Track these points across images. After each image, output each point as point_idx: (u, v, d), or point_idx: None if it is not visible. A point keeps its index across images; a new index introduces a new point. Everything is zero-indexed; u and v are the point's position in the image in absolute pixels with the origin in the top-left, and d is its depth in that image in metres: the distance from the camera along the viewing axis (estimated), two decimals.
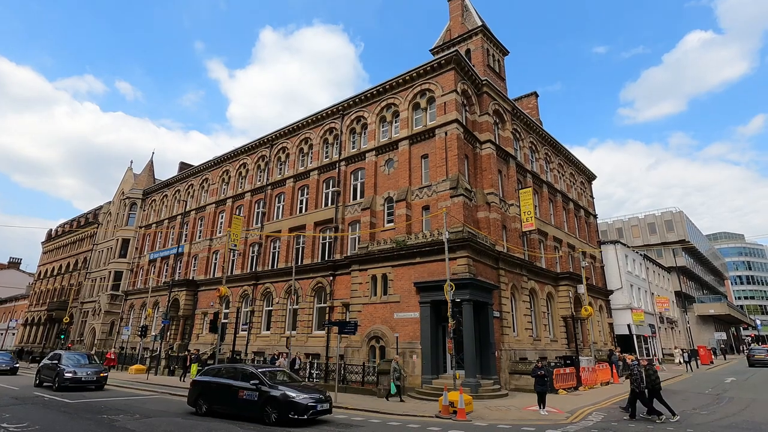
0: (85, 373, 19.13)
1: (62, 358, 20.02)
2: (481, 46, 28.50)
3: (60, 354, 20.53)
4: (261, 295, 29.35)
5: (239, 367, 13.89)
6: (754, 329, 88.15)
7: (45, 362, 20.90)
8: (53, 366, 19.64)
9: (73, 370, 19.03)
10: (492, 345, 19.92)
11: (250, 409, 12.28)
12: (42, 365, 20.91)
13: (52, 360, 20.44)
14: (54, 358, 20.51)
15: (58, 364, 19.52)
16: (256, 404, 12.11)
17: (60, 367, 19.15)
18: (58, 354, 20.61)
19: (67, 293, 51.56)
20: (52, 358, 20.66)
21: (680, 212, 61.38)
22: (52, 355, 21.16)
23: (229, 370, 13.74)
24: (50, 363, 20.20)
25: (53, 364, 19.84)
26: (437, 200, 22.17)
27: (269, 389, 12.10)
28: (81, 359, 20.61)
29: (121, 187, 49.80)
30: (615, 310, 37.41)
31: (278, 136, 32.88)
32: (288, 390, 12.06)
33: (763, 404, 16.06)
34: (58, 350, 24.88)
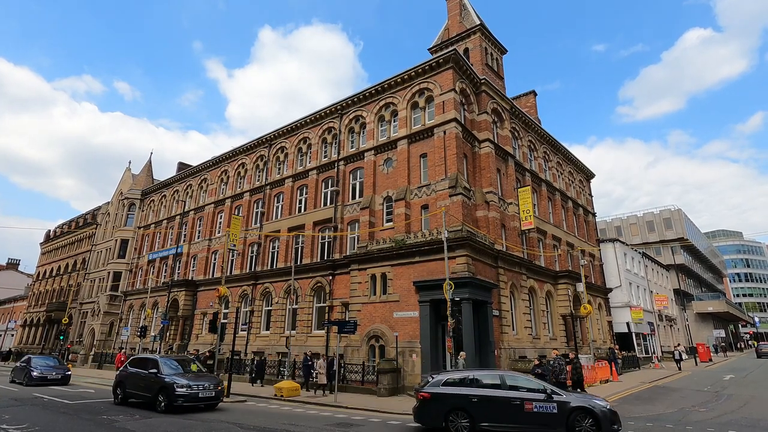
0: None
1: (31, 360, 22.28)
2: (479, 44, 28.50)
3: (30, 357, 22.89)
4: (260, 294, 29.34)
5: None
6: (752, 327, 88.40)
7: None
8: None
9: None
10: (491, 344, 19.94)
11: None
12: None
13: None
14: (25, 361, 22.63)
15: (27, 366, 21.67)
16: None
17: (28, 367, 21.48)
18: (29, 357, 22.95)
19: (66, 294, 51.50)
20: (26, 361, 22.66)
21: (679, 210, 61.50)
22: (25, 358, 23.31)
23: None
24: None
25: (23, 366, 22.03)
26: (436, 199, 22.17)
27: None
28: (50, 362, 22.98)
29: (120, 187, 49.72)
30: (614, 308, 37.48)
31: (277, 135, 32.85)
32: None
33: (762, 401, 16.11)
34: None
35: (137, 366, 15.29)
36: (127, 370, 15.51)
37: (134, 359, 16.13)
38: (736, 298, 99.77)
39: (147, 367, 14.71)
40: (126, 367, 15.78)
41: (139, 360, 15.86)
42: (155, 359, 14.97)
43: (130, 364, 15.69)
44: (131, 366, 15.56)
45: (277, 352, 25.95)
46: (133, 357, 16.83)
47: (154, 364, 14.58)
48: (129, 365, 15.73)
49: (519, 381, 10.94)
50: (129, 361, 16.03)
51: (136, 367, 15.29)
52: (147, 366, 14.80)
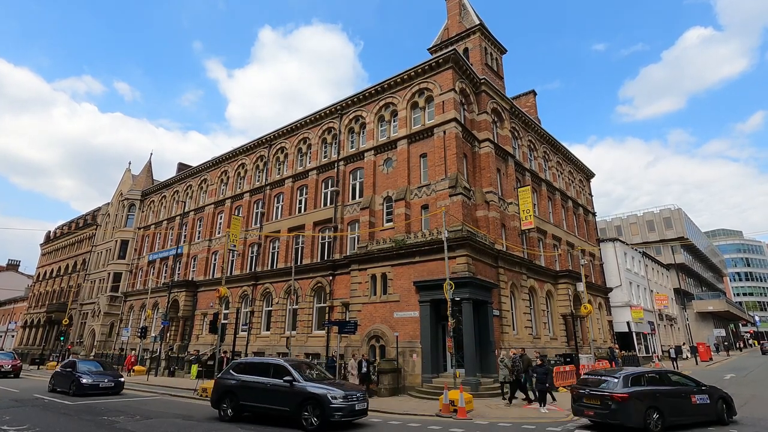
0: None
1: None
2: (479, 44, 28.50)
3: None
4: (260, 295, 29.35)
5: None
6: (753, 326, 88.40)
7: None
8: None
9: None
10: (492, 343, 19.95)
11: None
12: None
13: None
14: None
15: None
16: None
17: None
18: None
19: (66, 295, 51.49)
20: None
21: (679, 209, 61.52)
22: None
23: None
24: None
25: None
26: (436, 199, 22.18)
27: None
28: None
29: (120, 188, 49.73)
30: (614, 308, 37.48)
31: (277, 136, 32.86)
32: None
33: (763, 400, 16.11)
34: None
35: (253, 372, 12.51)
36: (233, 376, 12.68)
37: (245, 364, 13.20)
38: (737, 297, 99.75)
39: (271, 373, 12.14)
40: (229, 374, 12.93)
41: (253, 365, 13.00)
42: (282, 365, 12.22)
43: (239, 370, 12.84)
44: (239, 372, 12.76)
45: (278, 353, 25.94)
46: (241, 362, 13.70)
47: (285, 371, 11.92)
48: (235, 371, 12.89)
49: (675, 377, 12.66)
50: (234, 366, 13.22)
51: (251, 373, 12.50)
52: (270, 372, 12.18)
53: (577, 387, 12.23)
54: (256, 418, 12.36)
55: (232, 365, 13.37)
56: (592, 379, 12.27)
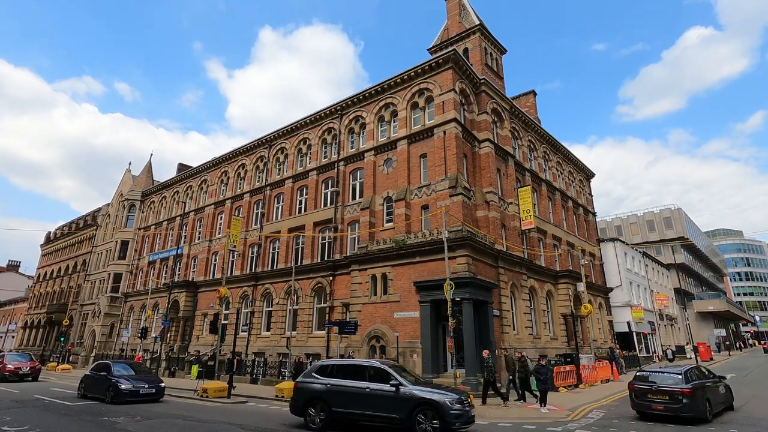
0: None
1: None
2: (478, 44, 28.52)
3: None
4: (261, 295, 29.35)
5: None
6: (753, 326, 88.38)
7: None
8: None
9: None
10: (492, 344, 19.91)
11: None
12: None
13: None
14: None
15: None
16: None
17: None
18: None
19: (66, 295, 51.51)
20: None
21: (679, 209, 61.54)
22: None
23: None
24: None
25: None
26: (436, 199, 22.18)
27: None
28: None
29: (120, 188, 49.76)
30: (614, 308, 37.48)
31: (277, 136, 32.87)
32: None
33: (763, 400, 16.11)
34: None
35: (345, 375, 11.28)
36: (319, 380, 11.40)
37: (334, 367, 11.80)
38: (737, 297, 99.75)
39: (367, 376, 11.02)
40: (312, 377, 11.63)
41: (345, 368, 11.63)
42: (382, 367, 11.08)
43: (326, 373, 11.59)
44: (327, 375, 11.50)
45: (278, 353, 25.95)
46: (327, 364, 12.23)
47: (385, 374, 10.79)
48: (320, 374, 11.63)
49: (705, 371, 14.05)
50: (318, 369, 11.90)
51: (342, 377, 11.27)
52: (365, 375, 11.06)
53: (639, 384, 12.95)
54: (350, 427, 11.04)
55: (316, 368, 11.96)
56: (648, 377, 13.14)
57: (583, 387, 20.70)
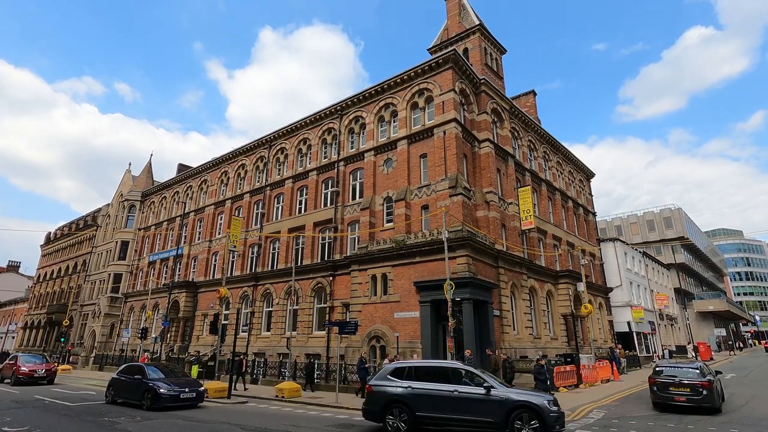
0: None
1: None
2: (478, 44, 28.53)
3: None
4: (261, 295, 29.36)
5: None
6: (753, 325, 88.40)
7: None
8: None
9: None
10: (492, 344, 19.94)
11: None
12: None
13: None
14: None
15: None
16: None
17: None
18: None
19: (66, 296, 51.52)
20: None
21: (679, 209, 61.55)
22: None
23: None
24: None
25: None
26: (436, 199, 22.19)
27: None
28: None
29: (120, 189, 49.77)
30: (615, 308, 37.49)
31: (277, 136, 32.88)
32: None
33: (764, 400, 16.09)
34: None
35: (426, 378, 10.65)
36: (397, 383, 10.69)
37: (413, 368, 11.09)
38: (737, 296, 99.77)
39: (450, 378, 10.54)
40: (388, 379, 10.91)
41: (425, 369, 10.99)
42: (467, 369, 10.71)
43: (404, 376, 10.87)
44: (405, 377, 10.80)
45: (278, 353, 25.95)
46: (404, 365, 11.47)
47: (472, 376, 10.40)
48: (396, 376, 10.93)
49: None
50: (394, 371, 11.20)
51: (423, 379, 10.63)
52: (449, 377, 10.54)
53: (660, 378, 14.24)
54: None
55: (389, 370, 11.15)
56: (666, 371, 14.43)
57: (584, 387, 20.68)
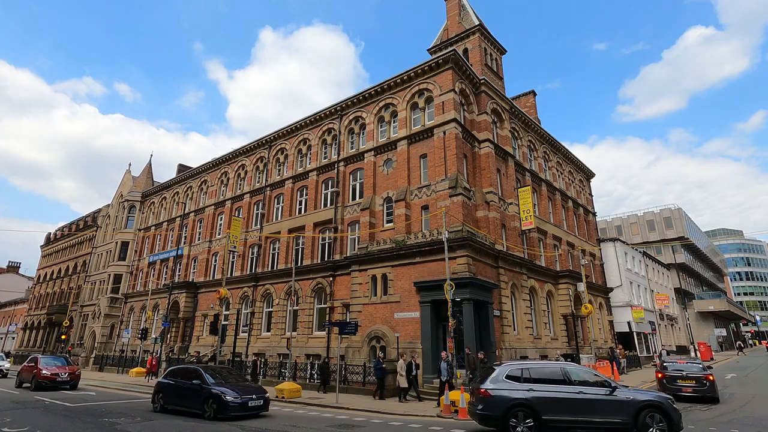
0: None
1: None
2: (478, 45, 28.52)
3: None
4: (261, 296, 29.34)
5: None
6: (753, 325, 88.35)
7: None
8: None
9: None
10: (492, 344, 19.93)
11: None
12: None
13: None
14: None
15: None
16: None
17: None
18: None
19: (66, 297, 51.51)
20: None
21: (679, 209, 61.53)
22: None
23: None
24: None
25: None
26: (436, 200, 22.18)
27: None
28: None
29: (120, 189, 49.75)
30: (615, 308, 37.46)
31: (276, 137, 32.87)
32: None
33: (764, 400, 16.09)
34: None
35: (546, 380, 10.31)
36: (516, 386, 10.22)
37: (532, 370, 10.63)
38: (737, 296, 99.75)
39: (564, 379, 10.35)
40: (505, 382, 10.36)
41: (543, 370, 10.70)
42: (589, 370, 10.65)
43: (523, 379, 10.37)
44: (523, 380, 10.31)
45: (278, 354, 25.94)
46: (520, 366, 10.80)
47: (591, 377, 10.41)
48: (513, 379, 10.40)
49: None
50: (510, 374, 10.52)
51: (543, 381, 10.28)
52: (562, 378, 10.33)
53: (668, 372, 16.72)
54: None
55: (504, 373, 10.63)
56: (672, 367, 17.04)
57: None
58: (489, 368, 10.92)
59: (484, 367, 16.07)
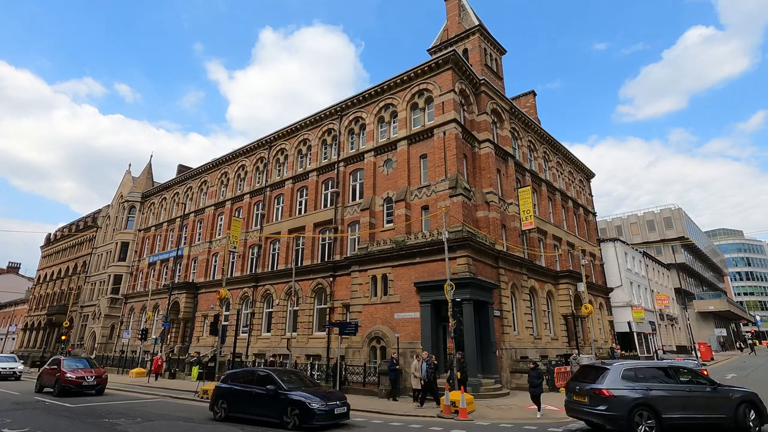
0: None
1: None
2: (478, 45, 28.53)
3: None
4: (261, 296, 29.34)
5: None
6: (753, 325, 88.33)
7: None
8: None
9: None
10: (493, 344, 19.93)
11: None
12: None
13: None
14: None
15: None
16: None
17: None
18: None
19: (66, 297, 51.50)
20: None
21: (679, 209, 61.54)
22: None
23: None
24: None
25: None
26: (436, 200, 22.18)
27: None
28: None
29: (120, 190, 49.77)
30: (615, 308, 37.46)
31: (276, 137, 32.88)
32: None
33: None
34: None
35: (657, 379, 10.52)
36: (632, 385, 10.20)
37: (647, 369, 10.90)
38: (738, 296, 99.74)
39: (673, 377, 10.66)
40: (622, 382, 10.33)
41: (652, 370, 10.85)
42: (690, 368, 11.01)
43: (637, 378, 10.45)
44: (639, 380, 10.39)
45: (278, 354, 25.93)
46: (629, 366, 10.86)
47: (693, 374, 10.92)
48: (629, 378, 10.41)
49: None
50: (624, 373, 10.52)
51: (659, 380, 10.49)
52: (671, 376, 10.63)
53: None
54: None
55: (620, 372, 10.58)
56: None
57: None
58: (601, 368, 11.00)
59: (460, 366, 15.97)
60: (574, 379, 11.89)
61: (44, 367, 20.22)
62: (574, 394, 11.08)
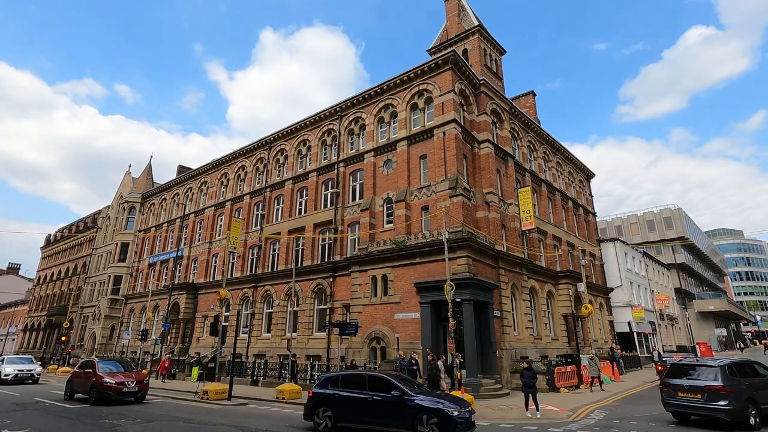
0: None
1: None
2: (478, 45, 28.54)
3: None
4: (261, 297, 29.34)
5: None
6: (754, 325, 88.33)
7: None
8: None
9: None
10: (493, 344, 19.92)
11: None
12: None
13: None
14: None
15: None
16: None
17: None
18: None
19: (66, 298, 51.51)
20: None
21: (679, 209, 61.53)
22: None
23: None
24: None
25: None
26: (436, 200, 22.18)
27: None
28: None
29: (120, 191, 49.78)
30: (615, 308, 37.45)
31: (276, 138, 32.88)
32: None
33: None
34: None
35: (753, 375, 11.90)
36: (741, 382, 11.42)
37: (737, 365, 11.99)
38: (738, 296, 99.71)
39: (752, 372, 12.09)
40: (736, 379, 11.43)
41: (748, 367, 12.10)
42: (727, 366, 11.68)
43: (742, 372, 11.88)
44: (742, 374, 11.73)
45: (278, 355, 25.93)
46: (677, 363, 12.11)
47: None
48: (672, 377, 11.95)
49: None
50: (735, 370, 11.82)
51: (754, 375, 11.95)
52: (752, 372, 11.89)
53: (666, 366, 16.46)
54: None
55: (725, 367, 11.61)
56: (670, 361, 15.52)
57: (584, 387, 20.67)
58: (707, 366, 11.78)
59: (434, 368, 15.90)
60: (672, 377, 12.36)
61: (75, 370, 18.33)
62: (680, 392, 11.73)
